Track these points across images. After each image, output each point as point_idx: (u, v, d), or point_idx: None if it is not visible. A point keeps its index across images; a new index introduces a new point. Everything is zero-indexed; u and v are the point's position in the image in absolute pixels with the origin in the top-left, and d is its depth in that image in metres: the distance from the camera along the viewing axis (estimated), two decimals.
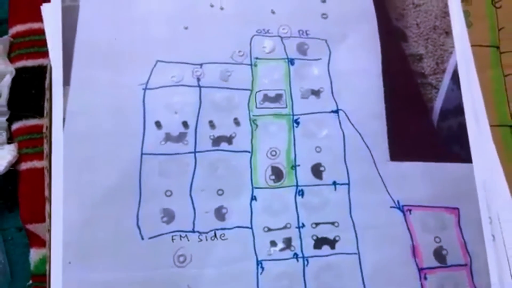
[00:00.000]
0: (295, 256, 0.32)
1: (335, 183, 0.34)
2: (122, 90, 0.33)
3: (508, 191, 0.35)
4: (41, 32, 0.35)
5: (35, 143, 0.34)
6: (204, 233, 0.32)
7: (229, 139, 0.34)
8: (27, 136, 0.35)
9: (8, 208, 0.34)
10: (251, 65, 0.35)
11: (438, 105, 0.36)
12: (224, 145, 0.33)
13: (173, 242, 0.31)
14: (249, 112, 0.34)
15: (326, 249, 0.32)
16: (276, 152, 0.34)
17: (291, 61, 0.35)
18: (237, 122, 0.34)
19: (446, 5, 0.38)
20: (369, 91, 0.35)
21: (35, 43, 0.36)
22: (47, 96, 0.33)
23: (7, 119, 0.35)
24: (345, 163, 0.34)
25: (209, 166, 0.33)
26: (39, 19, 0.35)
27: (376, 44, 0.36)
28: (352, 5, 0.37)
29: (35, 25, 0.36)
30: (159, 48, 0.34)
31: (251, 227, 0.32)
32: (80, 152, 0.32)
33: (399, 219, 0.33)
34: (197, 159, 0.33)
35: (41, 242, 0.33)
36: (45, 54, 0.34)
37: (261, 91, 0.35)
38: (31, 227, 0.33)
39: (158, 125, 0.33)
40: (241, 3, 0.36)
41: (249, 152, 0.34)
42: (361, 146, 0.34)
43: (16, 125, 0.35)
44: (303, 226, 0.33)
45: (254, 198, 0.33)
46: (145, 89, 0.34)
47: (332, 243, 0.33)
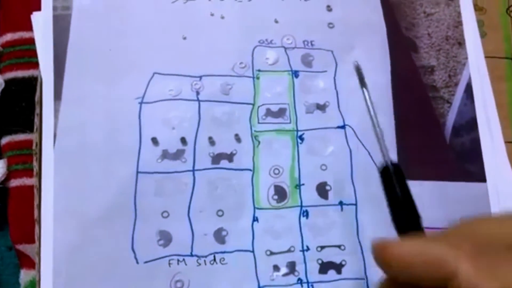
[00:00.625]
0: (299, 281, 0.31)
1: (341, 203, 0.32)
2: (117, 104, 0.32)
3: None
4: (33, 41, 0.34)
5: (25, 159, 0.33)
6: (202, 257, 0.30)
7: (229, 157, 0.32)
8: (16, 151, 0.33)
9: None
10: (253, 77, 0.34)
11: (450, 120, 0.35)
12: (224, 162, 0.32)
13: (170, 266, 0.30)
14: (251, 128, 0.33)
15: (332, 274, 0.31)
16: (279, 170, 0.32)
17: (295, 74, 0.34)
18: (238, 139, 0.33)
19: (459, 14, 0.36)
20: (377, 105, 0.33)
21: (26, 53, 0.35)
22: (37, 111, 0.32)
23: None
24: (352, 182, 0.33)
25: (208, 185, 0.32)
26: (30, 27, 0.34)
27: (385, 55, 0.35)
28: (360, 14, 0.36)
29: (26, 34, 0.35)
30: (156, 60, 0.33)
31: (253, 251, 0.31)
32: (72, 171, 0.31)
33: None
34: (196, 178, 0.32)
35: (31, 263, 0.31)
36: (36, 65, 0.33)
37: (263, 105, 0.33)
38: (21, 247, 0.32)
39: (154, 141, 0.32)
40: (243, 12, 0.35)
41: (250, 170, 0.32)
42: (369, 164, 0.33)
43: (5, 139, 0.33)
44: (308, 249, 0.31)
45: (255, 219, 0.31)
46: (141, 103, 0.32)
47: (338, 267, 0.31)
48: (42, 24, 0.33)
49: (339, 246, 0.32)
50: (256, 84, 0.34)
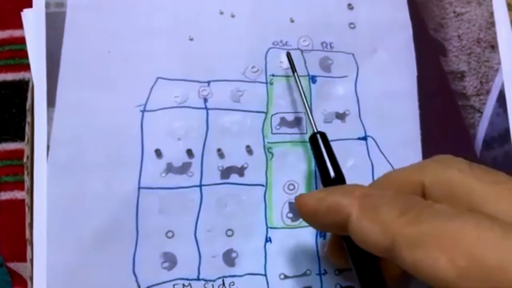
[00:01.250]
0: None
1: None
2: (116, 113, 0.29)
3: None
4: (23, 40, 0.31)
5: (16, 171, 0.31)
6: (210, 281, 0.28)
7: (240, 171, 0.30)
8: (6, 162, 0.31)
9: None
10: (266, 83, 0.31)
11: (481, 131, 0.32)
12: (234, 177, 0.30)
13: None
14: (264, 139, 0.30)
15: None
16: (294, 186, 0.30)
17: (312, 79, 0.31)
18: (249, 151, 0.30)
19: (492, 14, 0.33)
20: (402, 114, 0.32)
21: (17, 54, 0.32)
22: (28, 119, 0.29)
23: None
24: None
25: (216, 202, 0.29)
26: (21, 25, 0.31)
27: (411, 59, 0.32)
28: (384, 13, 0.33)
29: (16, 33, 0.32)
30: (159, 63, 0.30)
31: (265, 274, 0.29)
32: (67, 187, 0.28)
33: None
34: (203, 194, 0.29)
35: (24, 283, 0.29)
36: (27, 66, 0.30)
37: (277, 114, 0.31)
38: (12, 265, 0.30)
39: (158, 153, 0.29)
40: (255, 9, 0.32)
41: (263, 185, 0.30)
42: None
43: None
44: (325, 273, 0.29)
45: (268, 239, 0.29)
46: (143, 111, 0.30)
47: None
48: (33, 22, 0.30)
49: None
50: (270, 90, 0.31)
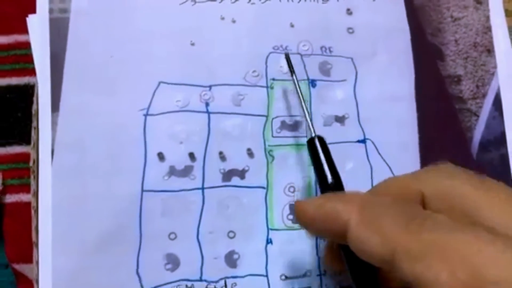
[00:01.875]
0: None
1: None
2: (119, 117, 0.30)
3: None
4: (28, 45, 0.31)
5: (21, 174, 0.31)
6: (213, 282, 0.29)
7: (241, 173, 0.30)
8: (12, 165, 0.31)
9: None
10: (267, 87, 0.31)
11: (477, 134, 0.33)
12: (235, 180, 0.30)
13: None
14: (265, 142, 0.31)
15: None
16: (295, 188, 0.30)
17: (312, 83, 0.32)
18: (250, 154, 0.30)
19: (488, 18, 0.34)
20: (400, 118, 0.32)
21: (21, 58, 0.32)
22: (34, 124, 0.29)
23: None
24: None
25: (218, 204, 0.30)
26: (26, 30, 0.31)
27: (408, 63, 0.33)
28: (382, 18, 0.33)
29: (21, 37, 0.32)
30: (162, 67, 0.31)
31: (266, 275, 0.29)
32: (71, 190, 0.28)
33: None
34: (205, 197, 0.29)
35: (29, 284, 0.29)
36: (32, 71, 0.31)
37: (278, 117, 0.31)
38: (17, 267, 0.30)
39: (161, 157, 0.30)
40: (256, 15, 0.32)
41: (264, 188, 0.30)
42: None
43: None
44: (326, 273, 0.30)
45: (269, 241, 0.30)
46: (145, 115, 0.30)
47: None
48: (38, 28, 0.30)
49: None
50: (270, 94, 0.31)
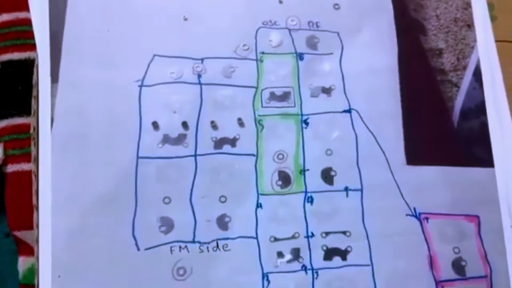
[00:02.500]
0: (304, 268, 0.30)
1: (347, 189, 0.31)
2: (116, 88, 0.31)
3: None
4: (29, 22, 0.32)
5: (22, 144, 0.32)
6: (205, 243, 0.30)
7: (232, 141, 0.31)
8: (13, 136, 0.32)
9: None
10: (256, 60, 0.33)
11: (458, 104, 0.34)
12: (227, 147, 0.31)
13: (172, 253, 0.29)
14: (254, 112, 0.32)
15: (337, 260, 0.31)
16: (284, 156, 0.32)
17: (300, 56, 0.33)
18: (241, 123, 0.32)
19: None
20: (384, 89, 0.33)
21: (22, 35, 0.33)
22: (34, 93, 0.31)
23: None
24: (358, 168, 0.32)
25: (210, 170, 0.31)
26: (26, 7, 0.32)
27: (392, 38, 0.34)
28: None
29: (21, 14, 0.34)
30: (156, 41, 0.32)
31: (256, 237, 0.30)
32: (70, 156, 0.30)
33: (415, 227, 0.31)
34: (198, 163, 0.31)
35: (30, 250, 0.30)
36: (32, 46, 0.32)
37: (267, 88, 0.32)
38: (18, 234, 0.31)
39: (155, 126, 0.31)
40: None
41: (254, 155, 0.31)
42: (375, 149, 0.32)
43: (1, 123, 0.32)
44: (313, 235, 0.31)
45: (259, 205, 0.31)
46: (141, 86, 0.31)
47: (343, 254, 0.31)
48: (38, 3, 0.31)
49: (344, 232, 0.31)
50: (260, 67, 0.33)
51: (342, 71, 0.33)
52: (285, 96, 0.32)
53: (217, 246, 0.30)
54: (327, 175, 0.32)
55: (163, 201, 0.30)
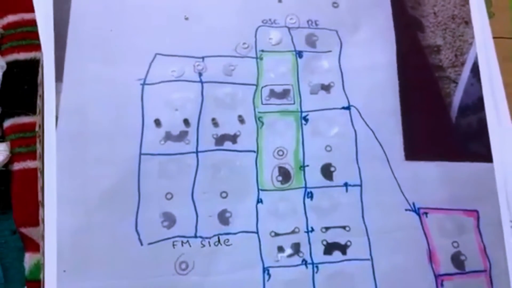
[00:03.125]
0: (304, 262, 0.30)
1: (346, 185, 0.32)
2: (119, 86, 0.31)
3: None
4: (34, 23, 0.33)
5: (28, 142, 0.33)
6: (207, 238, 0.30)
7: (233, 138, 0.32)
8: (19, 134, 0.33)
9: (1, 210, 0.32)
10: (256, 58, 0.33)
11: (456, 100, 0.34)
12: (228, 144, 0.32)
13: (174, 248, 0.30)
14: (255, 109, 0.32)
15: (337, 255, 0.31)
16: (283, 152, 0.32)
17: (299, 54, 0.33)
18: (241, 120, 0.32)
19: None
20: (383, 85, 0.33)
21: (27, 35, 0.34)
22: (39, 92, 0.31)
23: None
24: (357, 163, 0.32)
25: (212, 167, 0.31)
26: (31, 9, 0.33)
27: (390, 35, 0.34)
28: None
29: (27, 16, 0.34)
30: (158, 40, 0.32)
31: (257, 232, 0.31)
32: (75, 153, 0.30)
33: (414, 222, 0.32)
34: (199, 160, 0.31)
35: (36, 247, 0.31)
36: (38, 46, 0.32)
37: (267, 86, 0.33)
38: (25, 230, 0.32)
39: (157, 123, 0.31)
40: None
41: (254, 151, 0.32)
42: (374, 145, 0.33)
43: (7, 122, 0.33)
44: (313, 230, 0.31)
45: (260, 201, 0.31)
46: (143, 85, 0.32)
47: (343, 248, 0.31)
48: (42, 4, 0.32)
49: (344, 227, 0.31)
50: (260, 65, 0.33)
51: (341, 68, 0.34)
52: (285, 93, 0.33)
53: (219, 241, 0.30)
54: (327, 171, 0.32)
55: (166, 197, 0.30)
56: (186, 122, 0.32)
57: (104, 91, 0.31)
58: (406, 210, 0.32)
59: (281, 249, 0.31)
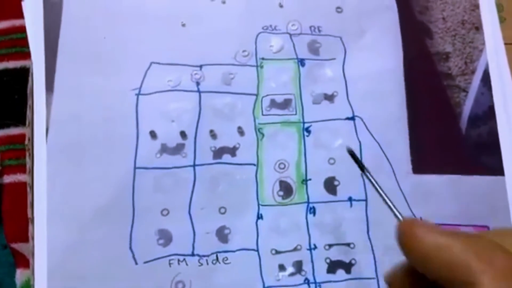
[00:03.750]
0: (307, 281, 0.29)
1: (350, 199, 0.31)
2: (112, 96, 0.30)
3: None
4: (24, 30, 0.32)
5: (18, 154, 0.32)
6: (204, 256, 0.29)
7: (232, 151, 0.31)
8: (9, 146, 0.32)
9: None
10: (256, 66, 0.32)
11: (466, 110, 0.33)
12: (226, 157, 0.31)
13: (170, 266, 0.29)
14: (255, 120, 0.31)
15: (341, 273, 0.30)
16: (285, 165, 0.31)
17: (301, 62, 0.32)
18: (241, 132, 0.31)
19: None
20: (389, 95, 0.32)
21: (18, 43, 0.33)
22: (29, 103, 0.30)
23: None
24: (362, 177, 0.31)
25: (210, 181, 0.30)
26: (22, 15, 0.32)
27: (397, 42, 0.33)
28: None
29: (18, 22, 0.33)
30: (153, 48, 0.31)
31: (257, 250, 0.30)
32: (66, 167, 0.29)
33: None
34: (197, 174, 0.30)
35: (27, 262, 0.30)
36: (28, 55, 0.31)
37: (267, 96, 0.32)
38: (16, 246, 0.31)
39: (153, 135, 0.30)
40: None
41: (254, 165, 0.31)
42: (380, 157, 0.31)
43: None
44: (315, 248, 0.30)
45: (260, 216, 0.30)
46: (138, 95, 0.31)
47: (347, 266, 0.30)
48: (32, 11, 0.31)
49: (348, 244, 0.30)
50: (260, 73, 0.32)
51: (345, 76, 0.32)
52: (286, 103, 0.32)
53: (217, 259, 0.29)
54: (330, 185, 0.31)
55: (161, 213, 0.29)
56: (183, 134, 0.30)
57: (96, 101, 0.30)
58: None
59: (282, 267, 0.29)
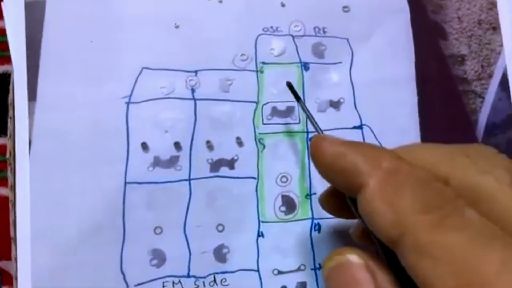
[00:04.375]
0: None
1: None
2: (100, 105, 0.28)
3: None
4: (4, 32, 0.30)
5: (0, 167, 0.29)
6: (201, 278, 0.27)
7: (230, 163, 0.29)
8: None
9: None
10: (256, 71, 0.30)
11: (483, 117, 0.31)
12: (224, 170, 0.29)
13: None
14: (255, 130, 0.29)
15: None
16: (287, 178, 0.29)
17: (305, 66, 0.30)
18: (240, 142, 0.29)
19: None
20: (399, 102, 0.31)
21: None
22: (10, 113, 0.28)
23: None
24: None
25: (206, 196, 0.28)
26: (2, 17, 0.30)
27: (408, 43, 0.31)
28: None
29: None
30: (144, 52, 0.29)
31: (258, 270, 0.28)
32: (50, 183, 0.27)
33: None
34: (192, 188, 0.28)
35: (12, 281, 0.28)
36: (9, 59, 0.29)
37: (268, 103, 0.30)
38: (0, 264, 0.29)
39: (144, 147, 0.28)
40: None
41: (254, 178, 0.29)
42: None
43: None
44: (320, 267, 0.28)
45: (261, 234, 0.28)
46: (128, 103, 0.29)
47: None
48: (13, 12, 0.29)
49: None
50: (260, 79, 0.30)
51: (352, 82, 0.31)
52: (289, 111, 0.30)
53: (214, 280, 0.27)
54: None
55: (154, 231, 0.28)
56: (177, 145, 0.29)
57: (83, 110, 0.28)
58: None
59: None
